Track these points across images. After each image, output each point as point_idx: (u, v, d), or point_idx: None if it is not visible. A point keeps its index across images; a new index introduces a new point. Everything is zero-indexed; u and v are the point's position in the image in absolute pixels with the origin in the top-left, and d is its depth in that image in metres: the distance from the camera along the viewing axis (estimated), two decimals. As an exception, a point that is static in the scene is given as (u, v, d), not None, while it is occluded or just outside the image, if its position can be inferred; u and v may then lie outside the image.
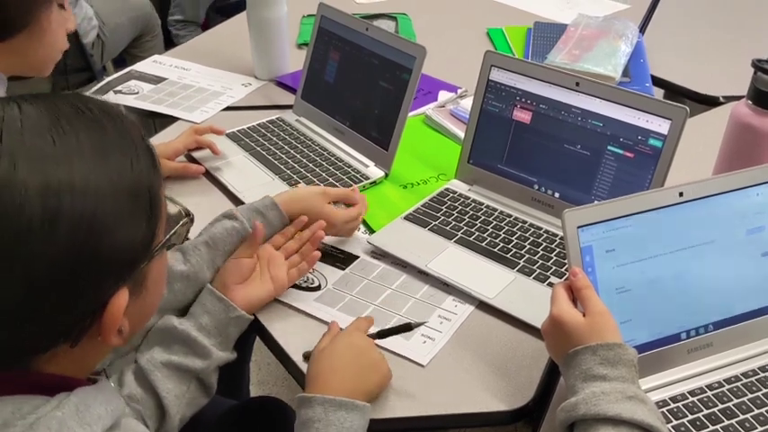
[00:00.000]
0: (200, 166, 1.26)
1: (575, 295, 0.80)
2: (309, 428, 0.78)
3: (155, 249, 0.62)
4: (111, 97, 1.56)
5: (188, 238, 0.84)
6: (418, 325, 0.90)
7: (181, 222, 0.69)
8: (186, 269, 0.93)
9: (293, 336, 0.94)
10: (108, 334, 0.60)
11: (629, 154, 1.04)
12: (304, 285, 1.01)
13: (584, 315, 0.78)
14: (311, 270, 1.03)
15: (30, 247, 0.53)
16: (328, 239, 1.10)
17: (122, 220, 0.58)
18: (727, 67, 1.65)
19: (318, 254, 1.02)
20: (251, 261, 0.97)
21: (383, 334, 0.90)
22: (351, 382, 0.82)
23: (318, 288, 1.01)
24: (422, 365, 0.89)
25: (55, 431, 0.55)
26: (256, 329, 0.97)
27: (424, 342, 0.92)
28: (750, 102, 1.05)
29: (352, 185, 1.21)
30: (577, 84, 1.08)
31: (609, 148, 1.06)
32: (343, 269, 1.04)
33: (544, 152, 1.12)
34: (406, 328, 0.90)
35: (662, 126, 1.01)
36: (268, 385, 1.98)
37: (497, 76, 1.15)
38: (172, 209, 0.68)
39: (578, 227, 0.81)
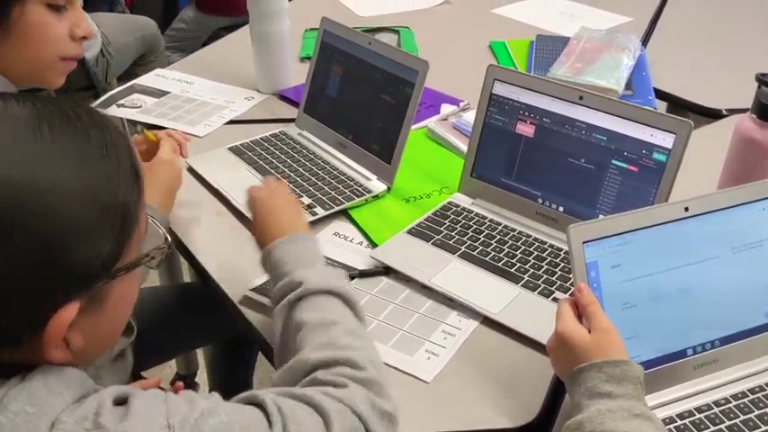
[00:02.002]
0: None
1: (580, 311, 0.79)
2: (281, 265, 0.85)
3: (120, 269, 0.60)
4: (114, 111, 1.56)
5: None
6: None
7: (157, 246, 0.67)
8: None
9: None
10: (47, 347, 0.58)
11: (633, 168, 1.04)
12: (307, 300, 1.00)
13: (589, 331, 0.77)
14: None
15: None
16: (331, 254, 1.09)
17: (86, 233, 0.56)
18: (729, 80, 1.65)
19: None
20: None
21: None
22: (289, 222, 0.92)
23: (321, 303, 1.00)
24: (426, 382, 0.89)
25: (25, 402, 0.54)
26: (260, 343, 0.96)
27: (429, 358, 0.92)
28: (754, 116, 1.05)
29: (354, 199, 1.21)
30: (581, 97, 1.07)
31: (613, 162, 1.05)
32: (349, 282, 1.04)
33: (548, 166, 1.12)
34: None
35: (666, 140, 1.00)
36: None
37: (500, 89, 1.15)
38: (152, 231, 0.67)
39: (584, 242, 0.80)
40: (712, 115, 1.53)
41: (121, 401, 0.59)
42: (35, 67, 1.00)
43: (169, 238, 0.69)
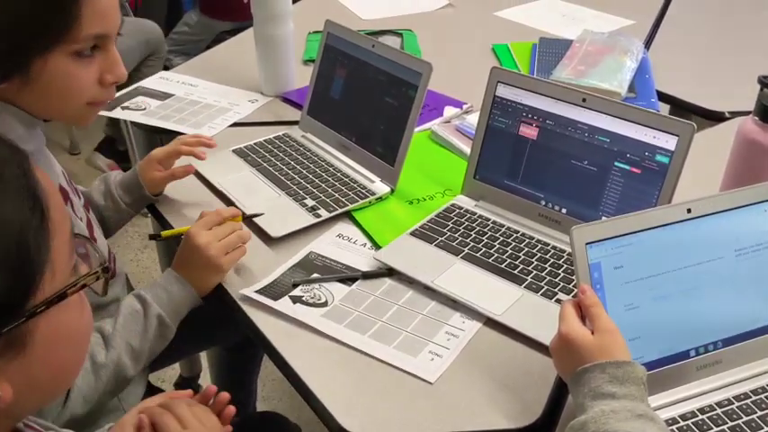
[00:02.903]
0: (190, 166, 1.22)
1: (583, 312, 0.79)
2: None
3: (38, 305, 0.52)
4: (118, 113, 1.56)
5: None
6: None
7: (88, 272, 0.58)
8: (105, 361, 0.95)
9: (299, 352, 0.94)
10: None
11: (636, 170, 1.04)
12: (311, 302, 1.01)
13: (592, 333, 0.77)
14: (318, 286, 1.03)
15: None
16: (335, 256, 1.10)
17: None
18: (732, 83, 1.65)
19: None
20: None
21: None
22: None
23: (325, 304, 1.00)
24: (430, 383, 0.89)
25: None
26: (264, 346, 0.97)
27: (432, 359, 0.92)
28: (756, 118, 1.05)
29: (358, 201, 1.21)
30: (584, 99, 1.08)
31: (616, 164, 1.06)
32: (350, 285, 1.04)
33: (551, 168, 1.12)
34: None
35: (669, 142, 1.00)
36: (273, 401, 1.97)
37: (504, 91, 1.16)
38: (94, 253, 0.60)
39: (587, 243, 0.81)
40: (715, 118, 1.53)
41: None
42: (61, 114, 0.97)
43: (106, 262, 0.61)
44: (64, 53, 0.88)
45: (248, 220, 1.14)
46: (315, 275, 1.05)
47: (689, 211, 0.84)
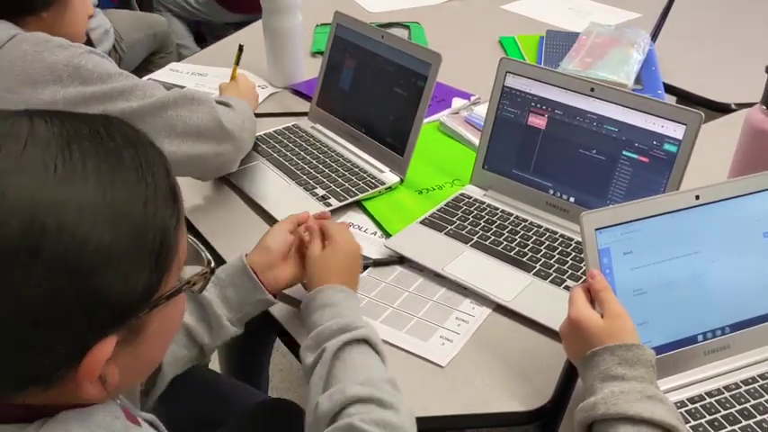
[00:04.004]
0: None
1: (593, 297, 0.80)
2: (324, 309, 0.85)
3: (160, 298, 0.57)
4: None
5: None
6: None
7: (199, 272, 0.63)
8: None
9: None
10: (83, 383, 0.54)
11: (644, 159, 1.05)
12: (323, 288, 1.02)
13: (602, 316, 0.78)
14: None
15: (4, 279, 0.48)
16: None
17: (120, 263, 0.52)
18: (738, 75, 1.66)
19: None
20: (287, 241, 0.95)
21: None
22: (346, 279, 0.91)
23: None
24: (441, 366, 0.90)
25: None
26: (277, 331, 0.98)
27: (443, 344, 0.93)
28: (764, 107, 1.06)
29: (368, 191, 1.22)
30: (592, 89, 1.09)
31: (624, 153, 1.07)
32: (361, 272, 1.05)
33: (559, 157, 1.13)
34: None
35: (677, 131, 1.02)
36: (280, 391, 1.99)
37: (512, 82, 1.17)
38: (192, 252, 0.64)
39: (596, 229, 0.82)
40: (721, 109, 1.54)
41: None
42: (75, 36, 1.16)
43: (212, 263, 0.66)
44: None
45: (260, 208, 1.16)
46: None
47: (697, 197, 0.85)
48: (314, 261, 0.93)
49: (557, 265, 1.04)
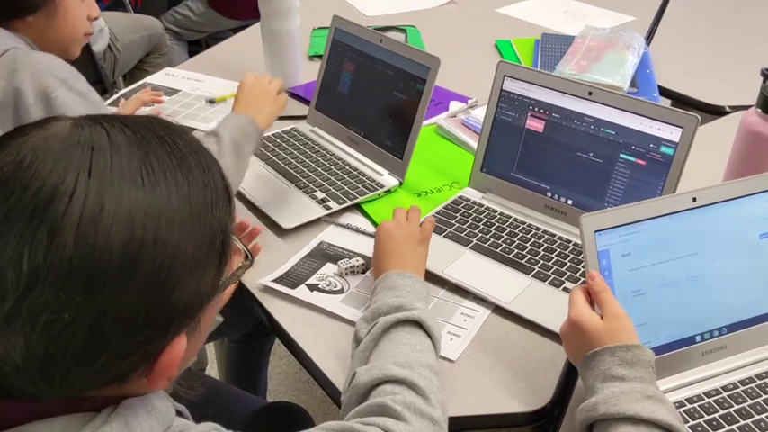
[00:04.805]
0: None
1: (592, 298, 0.81)
2: (388, 291, 0.88)
3: (216, 293, 0.59)
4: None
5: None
6: None
7: (240, 265, 0.65)
8: None
9: (315, 339, 0.96)
10: (157, 379, 0.57)
11: (641, 161, 1.06)
12: (327, 289, 1.03)
13: (601, 318, 0.79)
14: (332, 275, 1.06)
15: (101, 293, 0.50)
16: (346, 245, 1.12)
17: (196, 270, 0.55)
18: (732, 78, 1.68)
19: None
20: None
21: None
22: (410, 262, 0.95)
23: (342, 291, 1.03)
24: (452, 360, 0.92)
25: None
26: (279, 334, 0.99)
27: (451, 339, 0.94)
28: (759, 110, 1.07)
29: (367, 194, 1.23)
30: (590, 93, 1.10)
31: (621, 155, 1.08)
32: (364, 272, 1.06)
33: (557, 160, 1.14)
34: None
35: (673, 134, 1.03)
36: (279, 394, 1.99)
37: (510, 85, 1.18)
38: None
39: (595, 231, 0.83)
40: (715, 112, 1.55)
41: None
42: (65, 41, 1.21)
43: (250, 255, 0.67)
44: None
45: (260, 211, 1.16)
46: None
47: (694, 200, 0.86)
48: (386, 236, 0.97)
49: (555, 267, 1.05)
